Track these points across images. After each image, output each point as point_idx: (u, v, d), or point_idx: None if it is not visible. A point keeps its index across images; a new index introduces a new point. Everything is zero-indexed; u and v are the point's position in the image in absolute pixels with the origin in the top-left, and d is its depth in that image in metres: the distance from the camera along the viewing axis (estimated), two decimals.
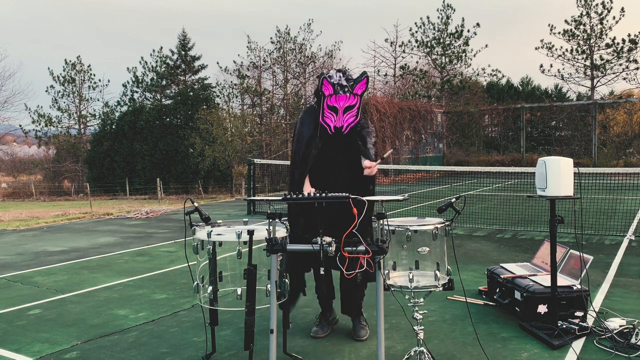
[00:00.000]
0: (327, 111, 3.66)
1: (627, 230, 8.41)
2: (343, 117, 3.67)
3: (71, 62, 33.58)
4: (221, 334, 4.05)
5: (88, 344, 3.98)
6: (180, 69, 33.58)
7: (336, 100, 3.62)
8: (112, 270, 6.55)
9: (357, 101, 3.65)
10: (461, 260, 6.49)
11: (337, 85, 3.59)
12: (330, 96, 3.62)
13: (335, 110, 3.65)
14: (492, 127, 35.31)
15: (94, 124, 34.14)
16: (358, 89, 3.61)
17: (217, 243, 3.33)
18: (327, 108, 3.65)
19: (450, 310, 4.55)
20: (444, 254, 3.15)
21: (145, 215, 12.68)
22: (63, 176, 33.36)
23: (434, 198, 13.38)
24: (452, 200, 3.26)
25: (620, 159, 27.12)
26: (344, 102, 3.63)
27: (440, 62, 32.89)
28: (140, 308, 4.87)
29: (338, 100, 3.62)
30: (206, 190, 25.15)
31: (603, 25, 29.92)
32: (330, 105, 3.65)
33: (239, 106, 30.37)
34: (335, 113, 3.66)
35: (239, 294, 3.19)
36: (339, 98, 3.61)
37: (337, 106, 3.64)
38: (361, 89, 3.62)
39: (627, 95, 31.38)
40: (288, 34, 29.54)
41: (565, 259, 4.44)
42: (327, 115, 3.67)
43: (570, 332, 3.77)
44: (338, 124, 3.68)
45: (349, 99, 3.62)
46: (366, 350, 3.69)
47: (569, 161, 3.73)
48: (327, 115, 3.67)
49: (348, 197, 2.92)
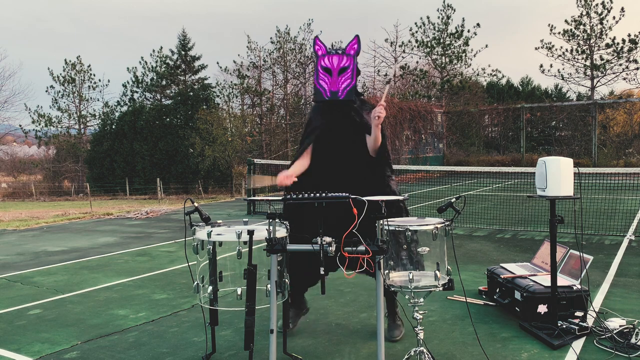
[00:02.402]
0: (322, 73, 3.60)
1: (627, 230, 8.41)
2: (338, 80, 3.59)
3: (71, 62, 33.56)
4: (221, 334, 4.05)
5: (88, 344, 3.98)
6: (180, 69, 33.55)
7: (330, 61, 3.57)
8: (112, 270, 6.54)
9: (350, 62, 3.58)
10: (461, 260, 6.49)
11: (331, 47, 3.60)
12: (324, 56, 3.58)
13: (329, 72, 3.59)
14: (492, 127, 35.35)
15: (94, 124, 34.12)
16: (350, 49, 3.57)
17: (217, 243, 3.33)
18: (321, 69, 3.60)
19: (450, 310, 4.55)
20: (444, 254, 3.15)
21: (145, 215, 12.67)
22: (63, 176, 33.35)
23: (434, 198, 13.38)
24: (452, 200, 3.25)
25: (620, 159, 27.13)
26: (338, 63, 3.57)
27: (440, 62, 32.90)
28: (140, 308, 4.87)
29: (331, 61, 3.57)
30: (206, 190, 25.13)
31: (603, 25, 29.93)
32: (324, 67, 3.59)
33: (239, 106, 30.37)
34: (329, 74, 3.59)
35: (239, 294, 3.19)
36: (332, 58, 3.56)
37: (330, 67, 3.58)
38: (353, 48, 3.58)
39: (627, 95, 31.39)
40: (288, 34, 29.54)
41: (565, 259, 4.44)
42: (322, 77, 3.61)
43: (570, 332, 3.77)
44: (333, 87, 3.59)
45: (342, 60, 3.56)
46: (366, 350, 3.69)
47: (569, 161, 3.73)
48: (322, 77, 3.61)
49: (348, 197, 2.92)
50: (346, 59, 3.57)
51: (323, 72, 3.60)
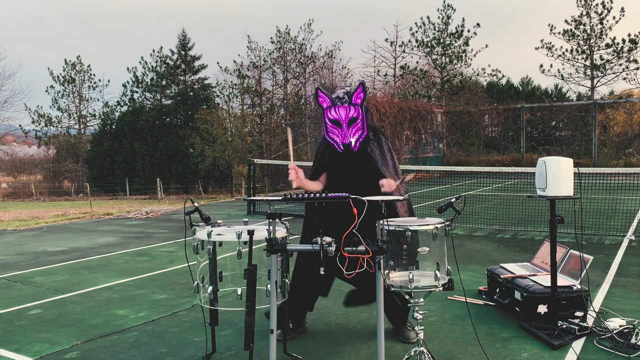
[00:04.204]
0: (330, 125, 3.49)
1: (627, 230, 8.41)
2: (349, 131, 3.48)
3: (71, 62, 33.57)
4: (221, 334, 4.05)
5: (88, 344, 3.98)
6: (180, 69, 33.55)
7: (337, 113, 3.46)
8: (112, 270, 6.54)
9: (359, 112, 3.46)
10: (461, 260, 6.49)
11: (335, 98, 3.46)
12: (330, 108, 3.47)
13: (338, 124, 3.47)
14: (492, 127, 35.34)
15: (94, 124, 34.12)
16: (356, 99, 3.45)
17: (217, 243, 3.33)
18: (330, 122, 3.48)
19: (450, 310, 4.55)
20: (444, 254, 3.15)
21: (145, 215, 12.68)
22: (63, 176, 33.34)
23: (434, 198, 13.38)
24: (452, 200, 3.25)
25: (620, 159, 27.13)
26: (346, 115, 3.46)
27: (441, 62, 32.89)
28: (140, 308, 4.87)
29: (339, 113, 3.46)
30: (206, 190, 25.13)
31: (603, 25, 29.92)
32: (332, 119, 3.48)
33: (239, 106, 30.36)
34: (339, 127, 3.48)
35: (239, 294, 3.19)
36: (339, 110, 3.45)
37: (339, 119, 3.47)
38: (359, 97, 3.45)
39: (627, 95, 31.37)
40: (288, 34, 29.54)
41: (565, 259, 4.44)
42: (332, 130, 3.50)
43: (570, 332, 3.77)
44: (345, 140, 3.49)
45: (350, 111, 3.45)
46: (366, 350, 3.69)
47: (569, 161, 3.73)
48: (332, 130, 3.50)
49: (348, 197, 2.91)
50: (354, 109, 3.45)
51: (332, 125, 3.49)
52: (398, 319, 3.91)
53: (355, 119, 3.48)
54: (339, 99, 3.47)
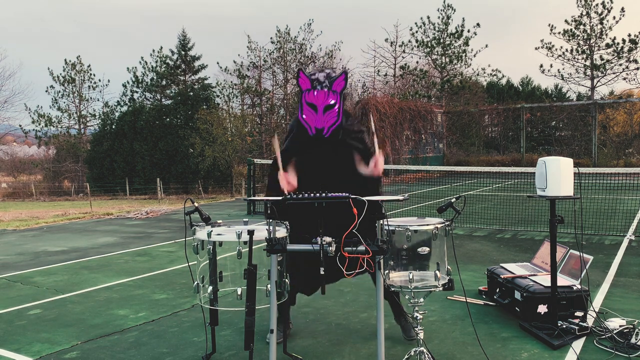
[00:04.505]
0: (306, 108, 3.49)
1: (627, 230, 8.41)
2: (323, 117, 3.47)
3: (71, 62, 33.57)
4: (221, 334, 4.05)
5: (88, 344, 3.98)
6: (180, 69, 33.55)
7: (315, 97, 3.45)
8: (112, 270, 6.54)
9: (337, 100, 3.45)
10: (461, 260, 6.49)
11: (315, 80, 3.44)
12: (308, 91, 3.46)
13: (314, 107, 3.47)
14: (492, 127, 35.35)
15: (94, 124, 34.12)
16: (336, 86, 3.44)
17: (217, 243, 3.33)
18: (306, 104, 3.48)
19: (450, 310, 4.55)
20: (444, 254, 3.15)
21: (145, 215, 12.68)
22: (63, 176, 33.34)
23: (434, 198, 13.38)
24: (452, 200, 3.25)
25: (620, 159, 27.14)
26: (323, 100, 3.45)
27: (441, 62, 32.90)
28: (140, 308, 4.87)
29: (317, 97, 3.44)
30: (206, 190, 25.13)
31: (603, 25, 29.93)
32: (309, 102, 3.47)
33: (239, 106, 30.38)
34: (314, 110, 3.47)
35: (239, 294, 3.19)
36: (317, 94, 3.44)
37: (315, 103, 3.46)
38: (339, 86, 3.44)
39: (627, 95, 31.38)
40: (288, 34, 29.56)
41: (565, 259, 4.44)
42: (306, 113, 3.50)
43: (570, 332, 3.77)
44: (319, 124, 3.47)
45: (328, 96, 3.44)
46: (366, 350, 3.69)
47: (569, 161, 3.73)
48: (306, 112, 3.50)
49: (348, 197, 2.91)
50: (332, 95, 3.43)
51: (308, 108, 3.47)
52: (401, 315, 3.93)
53: (332, 106, 3.46)
54: (318, 82, 3.45)
